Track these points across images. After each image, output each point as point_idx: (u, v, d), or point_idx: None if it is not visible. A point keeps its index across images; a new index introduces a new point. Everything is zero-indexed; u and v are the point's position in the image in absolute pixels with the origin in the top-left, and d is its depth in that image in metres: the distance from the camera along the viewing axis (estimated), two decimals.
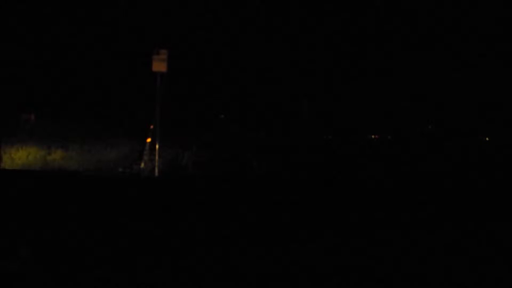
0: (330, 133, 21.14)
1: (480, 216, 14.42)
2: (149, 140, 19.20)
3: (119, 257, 11.57)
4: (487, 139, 20.63)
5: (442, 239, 12.88)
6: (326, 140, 20.90)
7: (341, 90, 21.55)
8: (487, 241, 12.75)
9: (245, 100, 21.46)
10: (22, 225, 12.59)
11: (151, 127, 19.13)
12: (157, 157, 18.64)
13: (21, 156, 19.63)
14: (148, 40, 20.23)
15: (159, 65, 18.40)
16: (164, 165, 19.06)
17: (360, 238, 12.76)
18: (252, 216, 13.75)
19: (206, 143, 19.80)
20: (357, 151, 19.71)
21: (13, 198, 13.40)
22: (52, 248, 11.82)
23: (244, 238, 12.71)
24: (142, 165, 19.00)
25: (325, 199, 14.89)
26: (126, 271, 10.82)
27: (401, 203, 15.00)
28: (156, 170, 18.57)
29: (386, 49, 21.54)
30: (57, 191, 13.87)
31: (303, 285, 10.36)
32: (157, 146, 18.64)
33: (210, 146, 19.71)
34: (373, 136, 21.02)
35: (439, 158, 19.27)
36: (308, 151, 19.56)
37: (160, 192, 14.91)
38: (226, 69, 21.57)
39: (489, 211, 14.73)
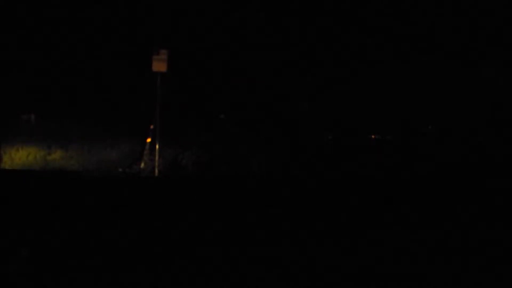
0: (330, 132, 21.13)
1: (480, 216, 14.42)
2: (149, 140, 19.19)
3: (119, 257, 11.57)
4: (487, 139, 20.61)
5: (442, 239, 12.88)
6: (326, 139, 20.90)
7: (341, 90, 21.53)
8: (487, 241, 12.75)
9: (245, 100, 21.45)
10: (22, 225, 12.59)
11: (151, 127, 19.12)
12: (157, 157, 18.64)
13: (21, 156, 19.62)
14: (148, 40, 20.22)
15: (159, 65, 18.37)
16: (164, 165, 19.05)
17: (362, 239, 12.76)
18: (252, 216, 13.75)
19: (206, 143, 19.79)
20: (357, 150, 19.71)
21: (13, 198, 13.39)
22: (52, 248, 11.82)
23: (245, 238, 12.71)
24: (142, 165, 19.00)
25: (326, 199, 14.88)
26: (126, 272, 10.82)
27: (402, 203, 15.00)
28: (156, 170, 18.56)
29: (385, 49, 21.53)
30: (57, 191, 13.87)
31: (304, 285, 10.36)
32: (157, 146, 18.64)
33: (210, 146, 19.71)
34: (373, 136, 21.02)
35: (438, 158, 19.27)
36: (308, 150, 19.55)
37: (160, 192, 14.91)
38: (226, 68, 21.55)
39: (489, 211, 14.73)
